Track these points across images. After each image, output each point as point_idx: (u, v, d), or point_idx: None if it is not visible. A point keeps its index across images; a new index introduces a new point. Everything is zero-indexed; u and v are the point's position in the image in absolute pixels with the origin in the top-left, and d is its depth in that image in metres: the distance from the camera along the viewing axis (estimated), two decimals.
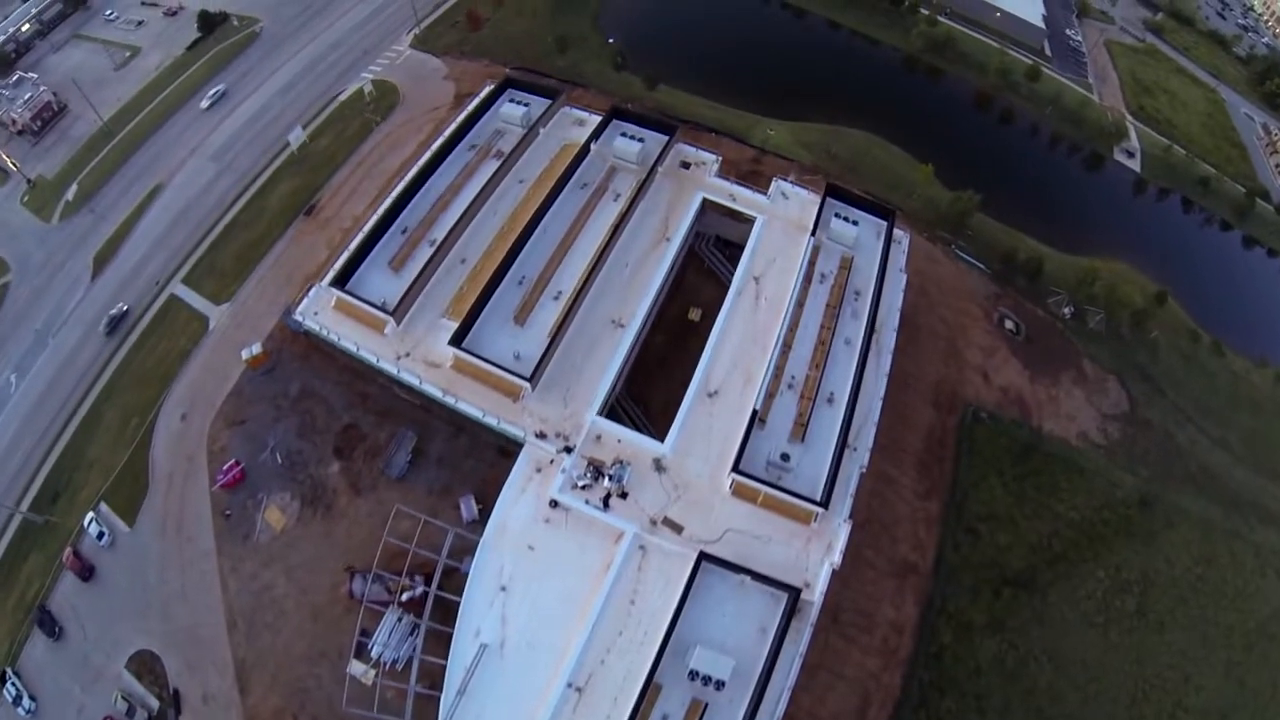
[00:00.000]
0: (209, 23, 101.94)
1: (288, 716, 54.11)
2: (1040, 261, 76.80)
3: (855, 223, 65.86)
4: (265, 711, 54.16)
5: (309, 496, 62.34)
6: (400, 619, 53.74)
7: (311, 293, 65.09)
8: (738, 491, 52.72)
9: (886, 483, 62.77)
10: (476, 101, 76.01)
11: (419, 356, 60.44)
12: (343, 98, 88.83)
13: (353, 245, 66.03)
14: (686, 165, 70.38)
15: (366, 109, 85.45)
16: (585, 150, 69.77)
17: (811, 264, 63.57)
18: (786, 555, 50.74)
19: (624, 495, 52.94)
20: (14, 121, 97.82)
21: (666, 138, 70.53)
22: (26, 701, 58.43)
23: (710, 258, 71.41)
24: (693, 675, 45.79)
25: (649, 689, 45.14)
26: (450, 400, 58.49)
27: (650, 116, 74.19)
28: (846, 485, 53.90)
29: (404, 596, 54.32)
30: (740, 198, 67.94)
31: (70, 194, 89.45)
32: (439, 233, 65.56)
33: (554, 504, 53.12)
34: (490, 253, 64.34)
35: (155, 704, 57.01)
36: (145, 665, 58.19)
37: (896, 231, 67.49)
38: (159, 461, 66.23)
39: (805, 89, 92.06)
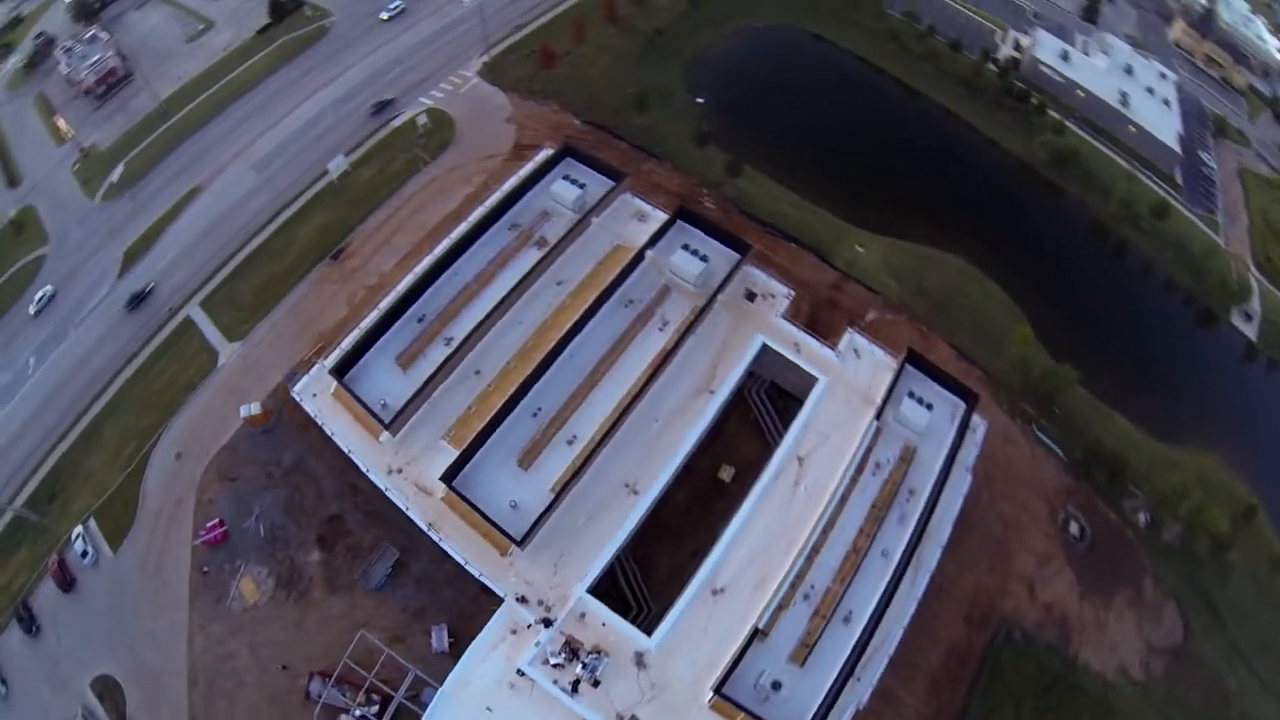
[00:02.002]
0: (280, 9, 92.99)
1: None
2: (1125, 458, 64.36)
3: (930, 406, 54.40)
4: None
5: (285, 578, 57.54)
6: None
7: (314, 371, 57.90)
8: (716, 707, 44.46)
9: (889, 702, 52.83)
10: (528, 169, 65.87)
11: (411, 477, 52.74)
12: (396, 123, 79.42)
13: (362, 327, 57.96)
14: (752, 296, 59.06)
15: (417, 143, 76.03)
16: (639, 258, 59.41)
17: (868, 451, 52.82)
18: None
19: (595, 684, 45.37)
20: (80, 81, 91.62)
21: (736, 258, 59.53)
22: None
23: (759, 407, 60.38)
24: None
25: None
26: (434, 535, 50.84)
27: (721, 227, 62.59)
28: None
29: (358, 713, 49.79)
30: (805, 350, 56.54)
31: (116, 175, 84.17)
32: (457, 331, 56.87)
33: (522, 675, 45.84)
34: (508, 372, 55.18)
35: None
36: (108, 689, 56.00)
37: (974, 417, 56.02)
38: (149, 495, 62.66)
39: (906, 190, 78.98)
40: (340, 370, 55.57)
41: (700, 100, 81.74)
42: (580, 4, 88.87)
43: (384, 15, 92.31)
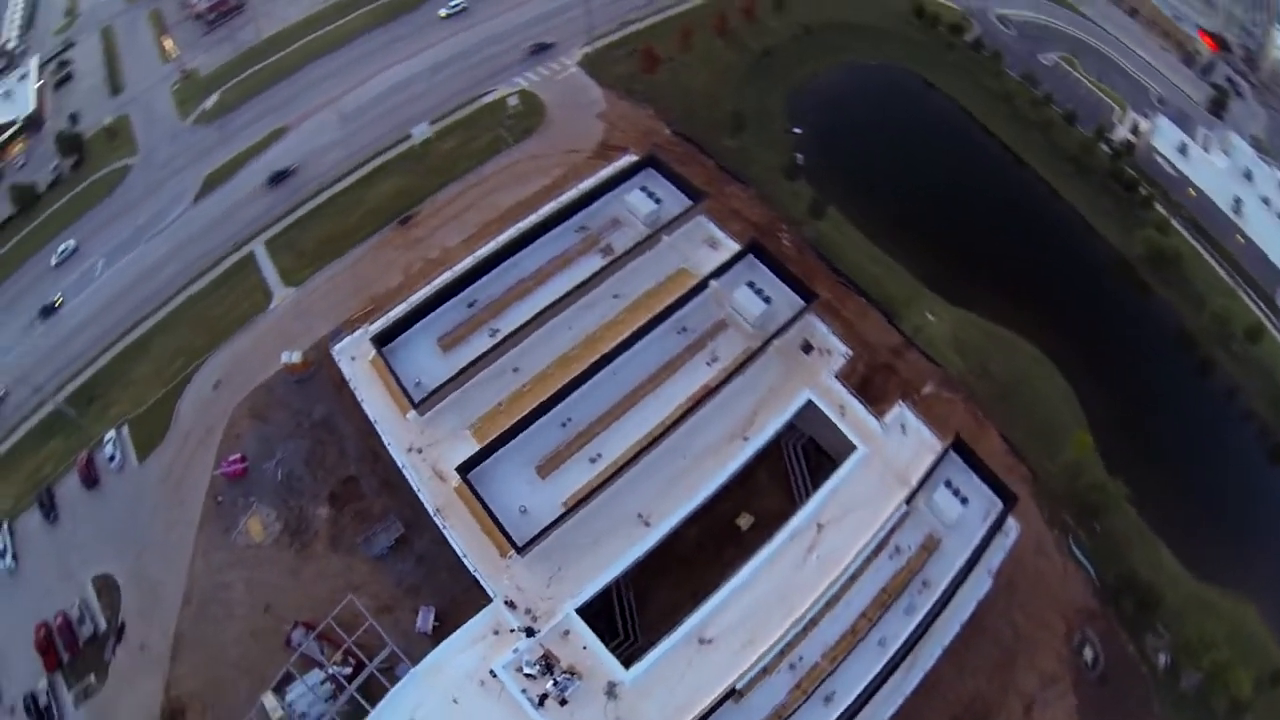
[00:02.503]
0: None
1: (199, 704, 53.12)
2: (1159, 593, 60.67)
3: (965, 500, 52.09)
4: (183, 689, 53.51)
5: (292, 526, 58.84)
6: (323, 683, 50.62)
7: (356, 334, 58.78)
8: None
9: None
10: (607, 173, 65.26)
11: (429, 459, 53.08)
12: (487, 100, 79.09)
13: (412, 301, 58.66)
14: (809, 349, 57.05)
15: (504, 123, 75.67)
16: (702, 286, 58.08)
17: (891, 533, 50.88)
18: None
19: (562, 703, 45.09)
20: (193, 5, 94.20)
21: (801, 306, 57.66)
22: (9, 560, 60.98)
23: (792, 462, 58.36)
24: None
25: None
26: (439, 522, 51.09)
27: (792, 268, 60.64)
28: None
29: (331, 670, 50.83)
30: (850, 414, 54.34)
31: (210, 102, 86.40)
32: (504, 324, 56.93)
33: (492, 677, 45.98)
34: (546, 376, 54.90)
35: (103, 625, 57.42)
36: (107, 588, 58.66)
37: (1009, 519, 53.39)
38: (182, 416, 64.84)
39: (990, 262, 75.36)
40: (382, 339, 56.35)
41: (797, 131, 79.34)
42: (691, 11, 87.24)
43: (442, 13, 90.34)
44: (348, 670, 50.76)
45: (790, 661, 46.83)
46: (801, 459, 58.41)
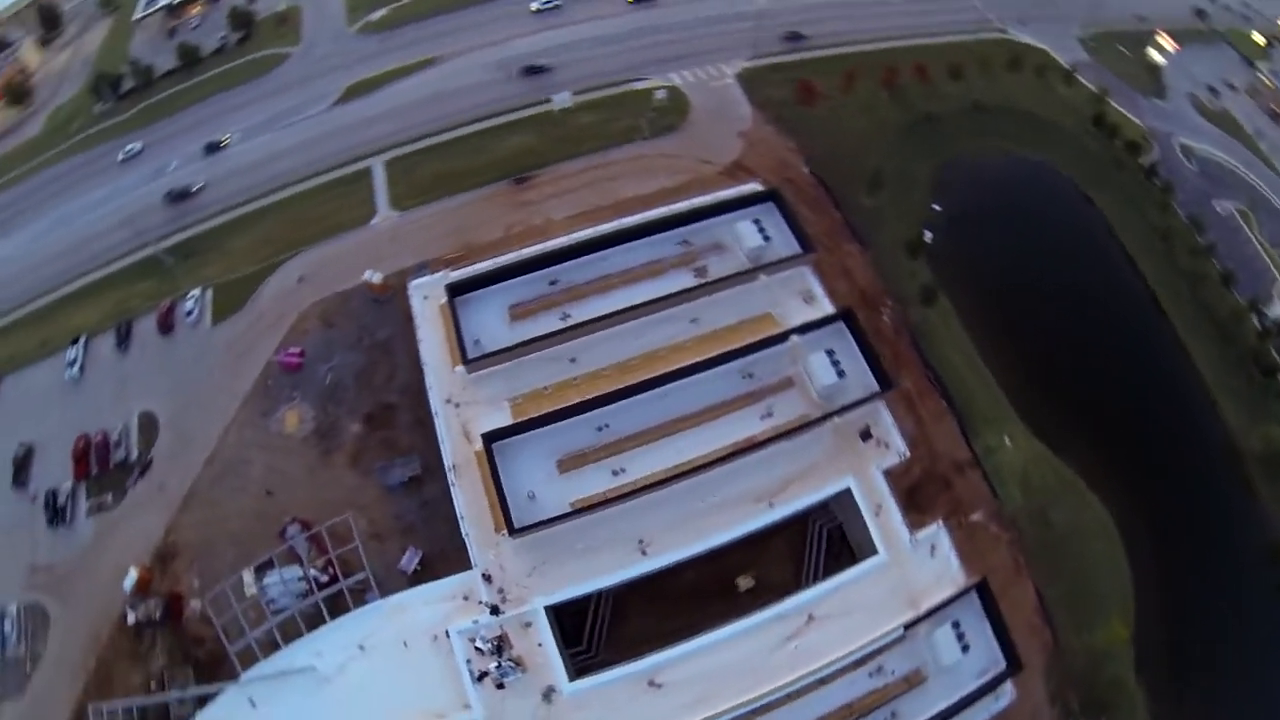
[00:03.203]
0: None
1: (189, 555, 57.13)
2: None
3: (967, 648, 48.88)
4: (181, 537, 57.68)
5: (323, 430, 61.62)
6: (299, 580, 53.11)
7: (436, 276, 60.56)
8: None
9: None
10: (728, 195, 64.40)
11: (462, 417, 54.39)
12: (636, 87, 78.87)
13: (498, 261, 59.92)
14: (867, 436, 54.65)
15: (646, 114, 75.14)
16: (782, 338, 56.36)
17: (879, 652, 48.46)
18: None
19: (499, 687, 45.81)
20: None
21: (875, 391, 55.08)
22: (75, 370, 67.67)
23: (812, 541, 55.87)
24: None
25: None
26: (450, 477, 52.40)
27: (874, 351, 57.67)
28: None
29: (310, 572, 53.17)
30: (884, 517, 51.79)
31: (378, 15, 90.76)
32: (578, 313, 57.26)
33: (445, 637, 47.28)
34: (600, 376, 54.86)
35: (134, 455, 62.61)
36: (148, 424, 64.00)
37: (1007, 684, 49.94)
38: (261, 297, 69.08)
39: (1092, 408, 69.09)
40: (456, 289, 57.93)
41: (936, 208, 75.79)
42: (864, 55, 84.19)
43: (534, 6, 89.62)
44: (324, 579, 52.68)
45: None
46: (823, 542, 56.13)
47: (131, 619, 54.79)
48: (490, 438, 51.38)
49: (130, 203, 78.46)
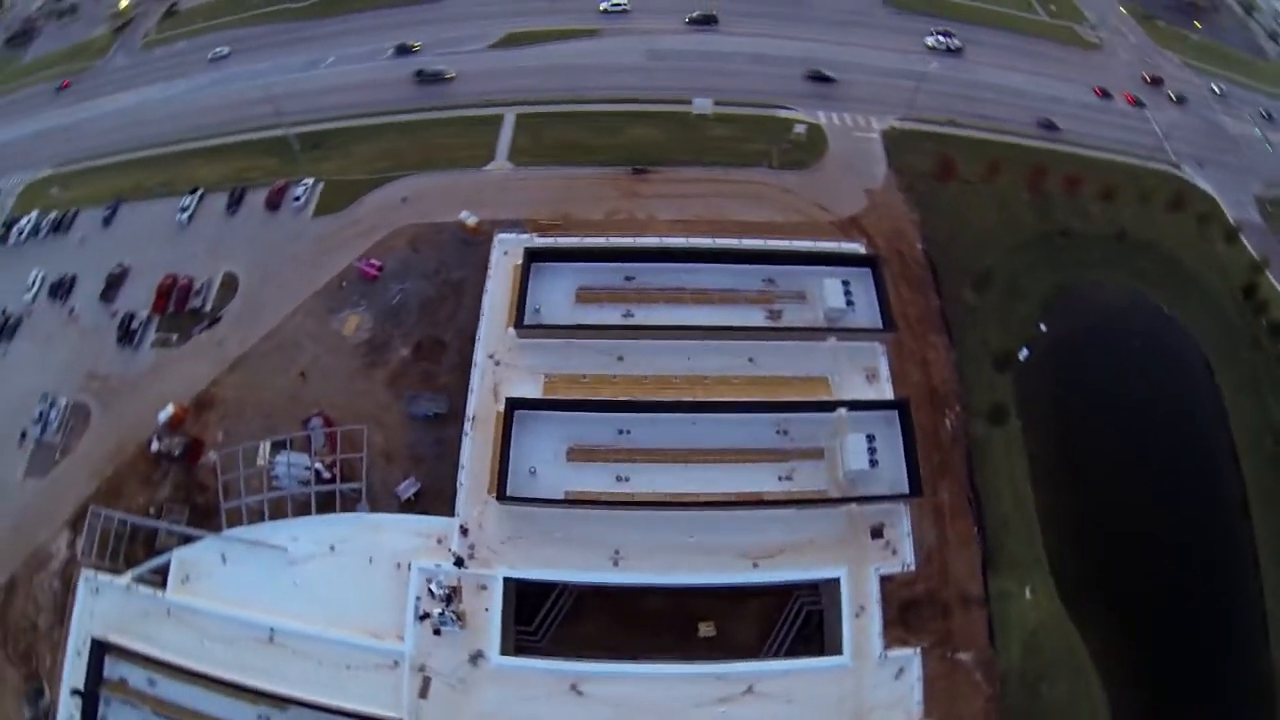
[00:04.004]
0: None
1: (222, 411, 62.14)
2: None
3: None
4: (220, 392, 62.92)
5: (375, 344, 65.00)
6: (306, 468, 56.72)
7: (522, 238, 62.05)
8: None
9: None
10: (828, 248, 63.50)
11: (496, 376, 56.53)
12: (779, 114, 78.06)
13: (585, 243, 61.29)
14: (878, 534, 52.38)
15: (779, 145, 74.32)
16: (830, 408, 54.57)
17: None
18: None
19: (436, 632, 47.81)
20: None
21: (904, 495, 52.70)
22: (185, 217, 74.30)
23: (788, 616, 53.77)
24: None
25: None
26: (466, 427, 54.46)
27: (916, 454, 54.61)
28: None
29: (316, 463, 56.61)
30: (863, 622, 49.44)
31: None
32: (642, 315, 57.66)
33: (406, 568, 49.61)
34: (638, 381, 55.22)
35: (208, 308, 68.34)
36: (228, 284, 69.58)
37: None
38: (363, 205, 73.69)
39: (1138, 584, 62.69)
40: (535, 255, 59.51)
41: (1043, 328, 71.91)
42: (1015, 148, 80.00)
43: (602, 6, 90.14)
44: (325, 475, 55.85)
45: None
46: (799, 620, 54.31)
47: (155, 447, 60.08)
48: (514, 404, 52.70)
49: (283, 83, 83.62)
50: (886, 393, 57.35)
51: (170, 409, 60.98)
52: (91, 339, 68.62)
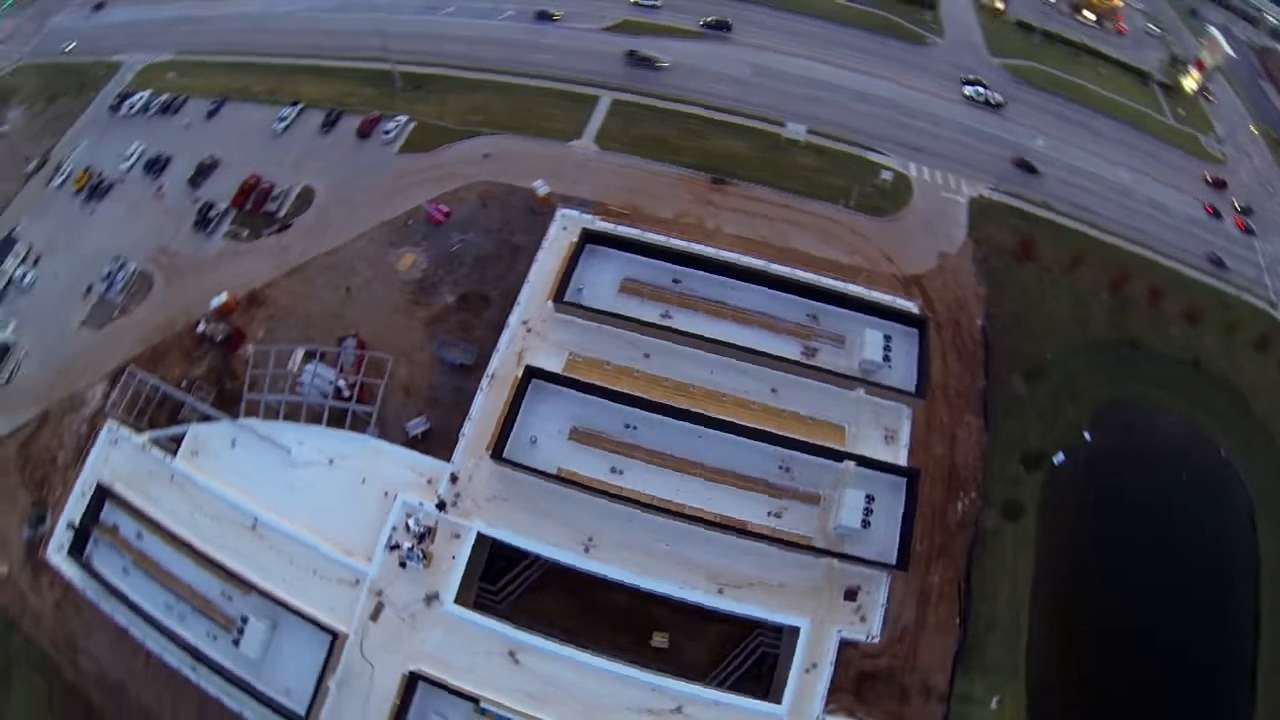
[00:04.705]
0: None
1: (269, 311, 66.86)
2: None
3: None
4: (272, 294, 67.49)
5: (424, 285, 68.60)
6: (330, 382, 60.05)
7: (584, 218, 64.24)
8: None
9: None
10: (879, 298, 61.89)
11: (524, 343, 58.19)
12: (868, 155, 77.56)
13: (643, 237, 62.07)
14: (851, 597, 51.41)
15: (861, 187, 73.97)
16: (838, 456, 53.77)
17: None
18: None
19: (401, 564, 50.15)
20: None
21: (891, 566, 51.19)
22: (281, 126, 79.90)
23: (743, 652, 53.98)
24: None
25: None
26: (483, 381, 56.55)
27: (912, 528, 53.02)
28: None
29: (331, 376, 60.15)
30: (809, 680, 48.70)
31: None
32: (679, 320, 58.51)
33: (392, 497, 52.19)
34: (657, 382, 55.94)
35: (281, 214, 73.45)
36: (305, 197, 74.74)
37: None
38: (447, 153, 76.67)
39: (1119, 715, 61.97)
40: (591, 237, 61.13)
41: (1088, 437, 69.04)
42: (1103, 248, 77.07)
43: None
44: (345, 393, 59.37)
45: None
46: (752, 657, 54.48)
47: (201, 329, 64.89)
48: (533, 372, 54.25)
49: (399, 22, 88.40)
50: (900, 458, 56.35)
51: (224, 297, 65.69)
52: (171, 217, 74.33)
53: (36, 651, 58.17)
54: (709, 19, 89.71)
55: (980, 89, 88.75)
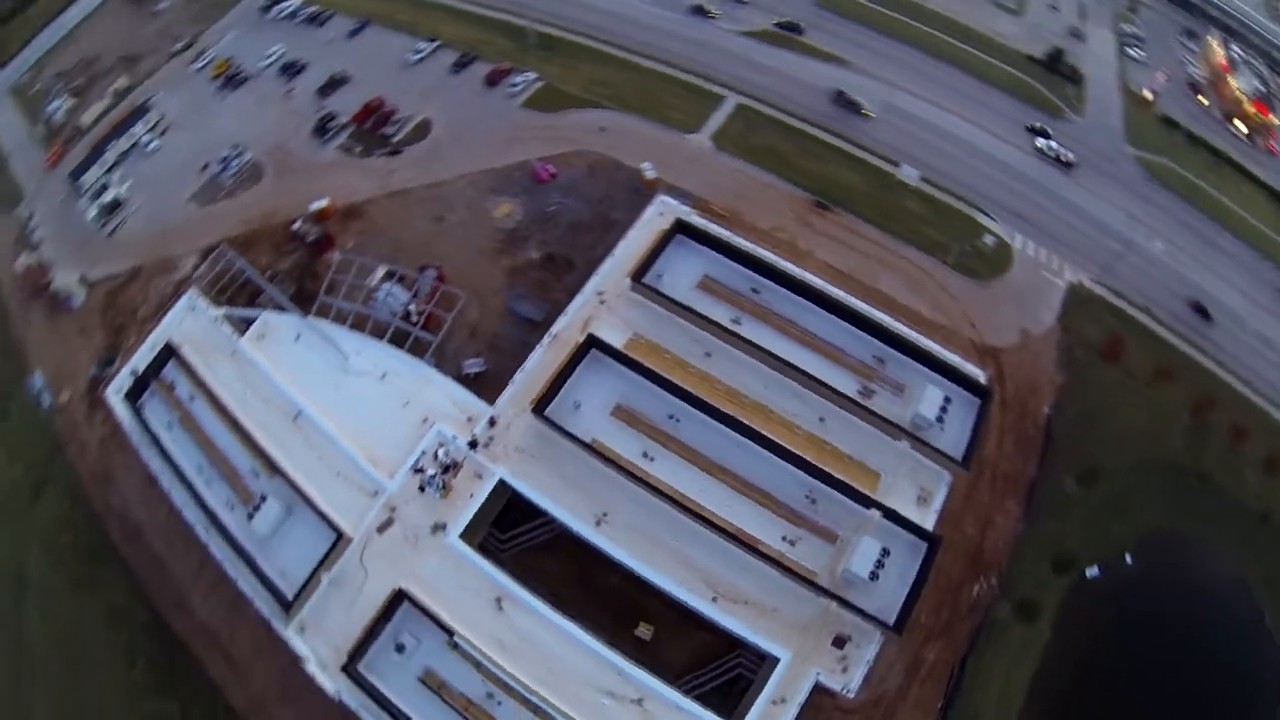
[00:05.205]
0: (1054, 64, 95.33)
1: (362, 228, 71.11)
2: None
3: None
4: (370, 210, 72.10)
5: (514, 236, 71.89)
6: (402, 304, 63.40)
7: (681, 210, 65.20)
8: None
9: None
10: (949, 358, 60.52)
11: (594, 312, 59.80)
12: (976, 216, 76.39)
13: (733, 238, 62.90)
14: (839, 644, 50.49)
15: (961, 246, 72.84)
16: (867, 503, 53.34)
17: None
18: None
19: (420, 489, 52.48)
20: None
21: (888, 627, 49.91)
22: (416, 59, 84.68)
23: (724, 663, 54.15)
24: None
25: None
26: (547, 337, 58.40)
27: (919, 592, 51.87)
28: None
29: (410, 306, 63.30)
30: (777, 710, 48.25)
31: None
32: (747, 329, 58.95)
33: (430, 424, 54.45)
34: (710, 383, 56.45)
35: (397, 139, 77.92)
36: (421, 127, 79.49)
37: None
38: (564, 118, 79.31)
39: None
40: (682, 228, 62.34)
41: (1129, 560, 65.15)
42: (1197, 369, 73.81)
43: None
44: (414, 317, 62.41)
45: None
46: (728, 674, 54.35)
47: (296, 226, 69.08)
48: (593, 342, 55.72)
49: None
50: (928, 522, 55.16)
51: (324, 202, 69.73)
52: (294, 119, 79.43)
53: (74, 477, 63.79)
54: (781, 19, 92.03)
55: (1050, 143, 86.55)
